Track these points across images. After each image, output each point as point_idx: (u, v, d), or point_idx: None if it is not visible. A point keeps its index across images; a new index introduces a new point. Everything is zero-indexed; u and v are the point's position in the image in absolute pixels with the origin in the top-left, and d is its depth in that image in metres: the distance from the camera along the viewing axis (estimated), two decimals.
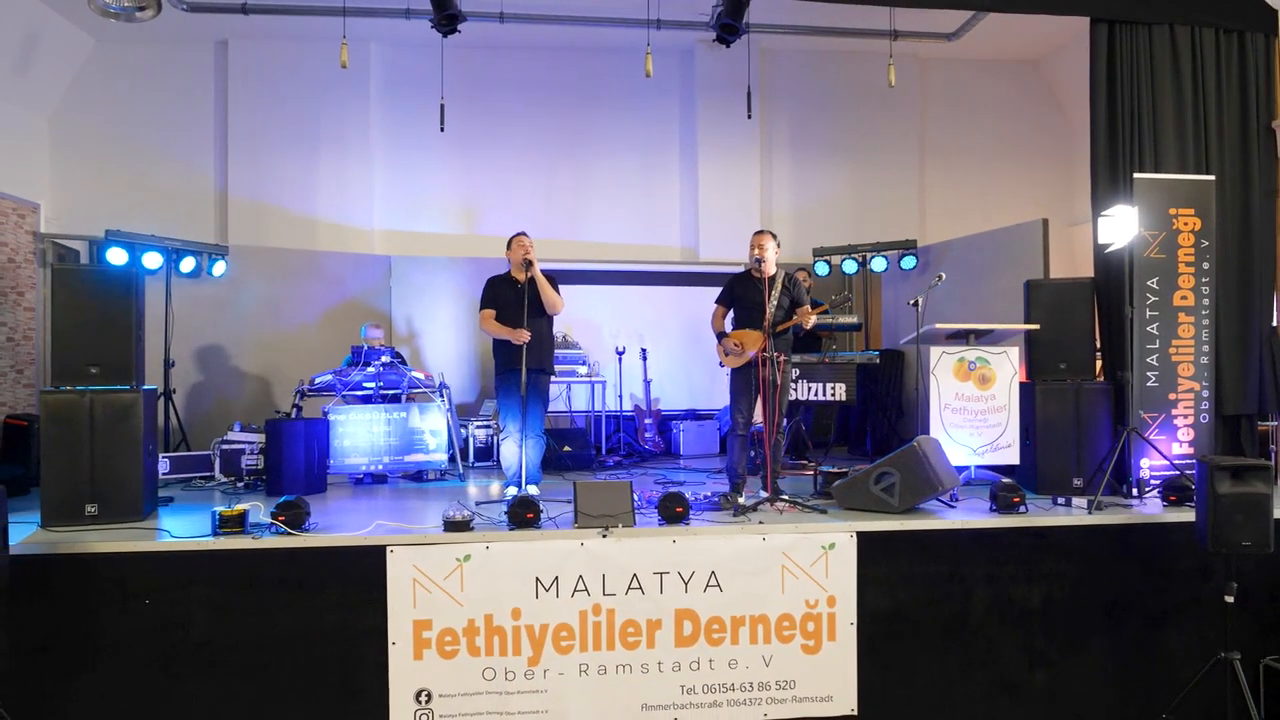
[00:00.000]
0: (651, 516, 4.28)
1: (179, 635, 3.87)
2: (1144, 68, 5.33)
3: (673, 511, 4.18)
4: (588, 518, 4.09)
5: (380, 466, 5.94)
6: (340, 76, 8.38)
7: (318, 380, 6.09)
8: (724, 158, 8.68)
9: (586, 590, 4.02)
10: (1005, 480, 4.64)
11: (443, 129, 6.83)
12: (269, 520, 4.01)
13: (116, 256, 6.36)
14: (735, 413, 4.94)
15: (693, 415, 7.96)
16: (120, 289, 4.48)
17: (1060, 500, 4.70)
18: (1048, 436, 5.12)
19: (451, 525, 4.04)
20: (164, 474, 5.74)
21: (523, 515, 4.09)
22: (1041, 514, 4.47)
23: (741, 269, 5.20)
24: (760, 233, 5.03)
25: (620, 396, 7.73)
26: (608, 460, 7.05)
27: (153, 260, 6.58)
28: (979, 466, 5.39)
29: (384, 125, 8.60)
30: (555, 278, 5.34)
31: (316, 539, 3.99)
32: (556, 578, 4.00)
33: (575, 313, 7.96)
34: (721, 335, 5.05)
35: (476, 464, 6.79)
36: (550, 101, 8.70)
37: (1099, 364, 5.53)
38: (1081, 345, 5.28)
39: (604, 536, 4.04)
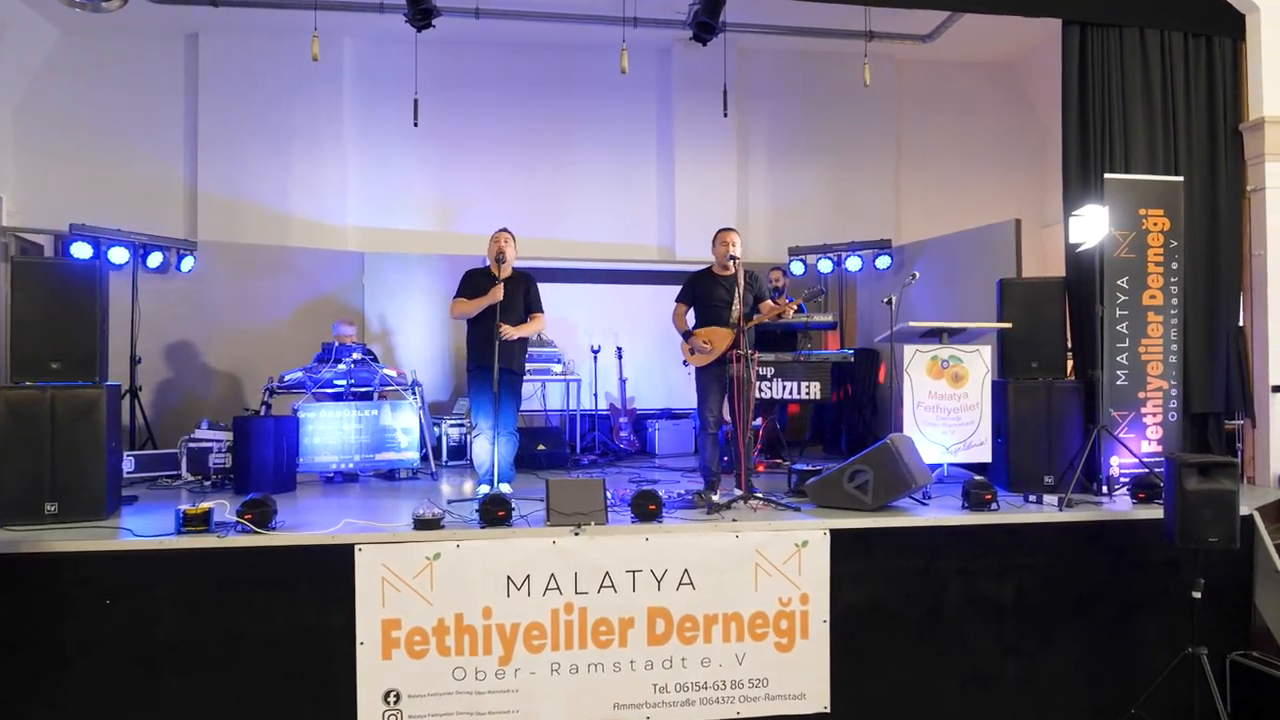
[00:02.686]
0: (624, 514, 4.25)
1: (146, 635, 3.79)
2: (1115, 70, 5.38)
3: (646, 509, 4.15)
4: (560, 515, 4.05)
5: (351, 465, 5.87)
6: (313, 72, 8.31)
7: (287, 377, 6.01)
8: (701, 157, 8.68)
9: (558, 589, 3.98)
10: (977, 478, 4.65)
11: (416, 124, 6.77)
12: (235, 518, 3.93)
13: (81, 251, 6.24)
14: (705, 412, 4.92)
15: (668, 414, 7.94)
16: (83, 283, 4.39)
17: (1032, 497, 4.72)
18: (1019, 434, 5.14)
19: (421, 523, 3.99)
20: (129, 473, 5.63)
21: (494, 513, 4.05)
22: (1013, 511, 4.48)
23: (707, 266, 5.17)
24: (728, 230, 5.02)
25: (595, 395, 7.69)
26: (582, 459, 7.01)
27: (119, 255, 6.46)
28: (952, 464, 5.42)
29: (358, 121, 8.52)
30: (533, 277, 5.30)
31: (283, 537, 3.92)
32: (528, 576, 3.96)
33: (551, 311, 7.79)
34: (687, 334, 5.01)
35: (450, 462, 6.74)
36: (527, 99, 8.66)
37: (1070, 362, 5.56)
38: (1053, 344, 5.31)
39: (576, 534, 4.00)
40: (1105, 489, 4.90)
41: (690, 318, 5.12)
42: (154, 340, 7.11)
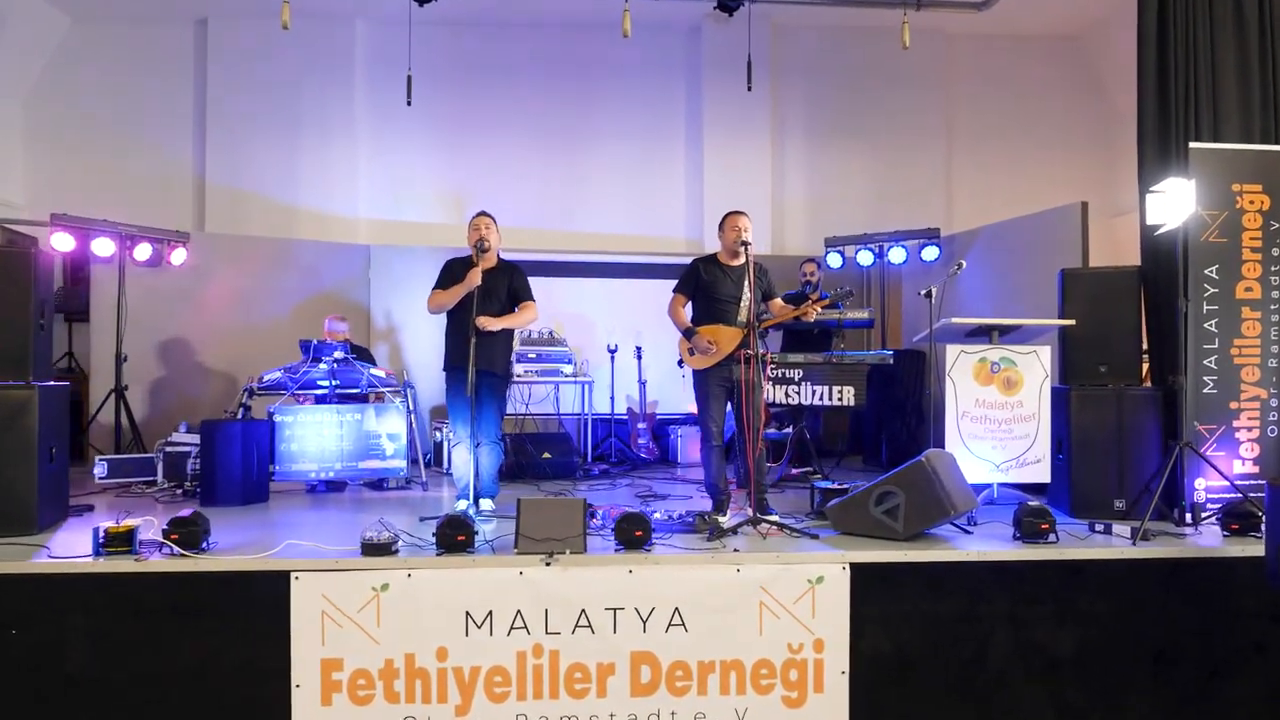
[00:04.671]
0: (609, 540, 3.67)
1: (53, 670, 3.33)
2: (1202, 22, 4.57)
3: (630, 536, 3.55)
4: (530, 541, 3.48)
5: (332, 474, 5.38)
6: (324, 57, 7.96)
7: (266, 377, 5.56)
8: (732, 141, 8.07)
9: (526, 628, 3.41)
10: (1032, 502, 3.96)
11: (409, 103, 6.31)
12: (159, 539, 3.46)
13: (61, 242, 5.91)
14: (708, 422, 4.27)
15: (692, 420, 7.29)
16: (13, 272, 3.96)
17: (1098, 527, 4.00)
18: (1084, 451, 4.44)
19: (370, 548, 3.46)
20: (101, 478, 5.29)
21: (452, 537, 3.49)
22: (1075, 544, 3.77)
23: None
24: (738, 212, 4.36)
25: (612, 399, 7.11)
26: (593, 469, 6.43)
27: (103, 247, 6.11)
28: (1002, 485, 4.70)
29: (370, 109, 8.14)
30: (520, 268, 4.75)
31: (211, 562, 3.42)
32: (490, 612, 3.40)
33: (567, 307, 7.40)
34: (689, 332, 4.36)
35: (449, 471, 6.22)
36: (546, 82, 8.17)
37: (1146, 367, 4.83)
38: (1125, 344, 4.60)
39: (547, 565, 3.43)
40: (1189, 518, 4.15)
41: (687, 311, 4.50)
42: (147, 337, 6.79)
